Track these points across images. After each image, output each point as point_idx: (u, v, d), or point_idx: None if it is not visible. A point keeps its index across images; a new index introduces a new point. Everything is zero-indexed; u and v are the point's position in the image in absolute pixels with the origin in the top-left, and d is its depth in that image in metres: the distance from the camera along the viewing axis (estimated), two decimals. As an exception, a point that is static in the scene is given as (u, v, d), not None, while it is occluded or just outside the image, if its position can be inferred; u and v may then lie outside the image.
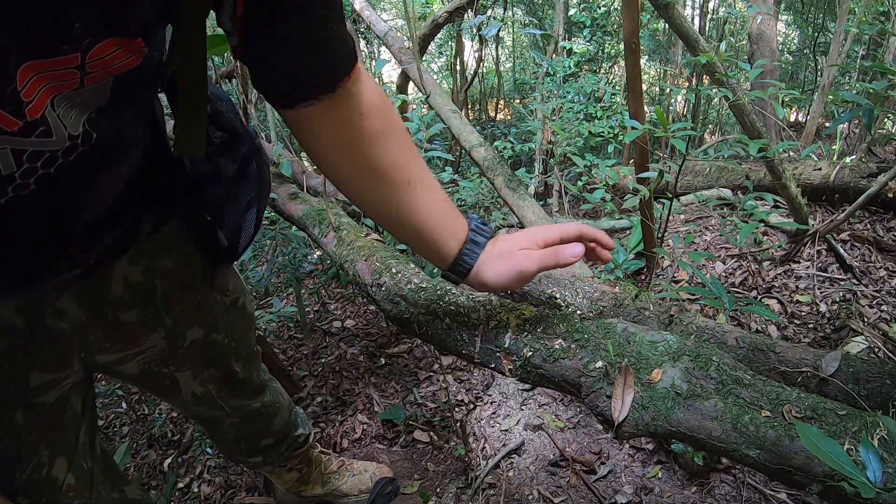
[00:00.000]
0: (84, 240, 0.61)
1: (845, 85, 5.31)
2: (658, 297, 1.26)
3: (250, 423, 1.13)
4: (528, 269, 0.69)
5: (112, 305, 0.73)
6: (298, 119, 0.63)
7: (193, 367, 0.92)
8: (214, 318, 0.90)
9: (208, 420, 1.10)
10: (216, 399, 1.00)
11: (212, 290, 0.88)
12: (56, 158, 0.46)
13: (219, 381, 0.98)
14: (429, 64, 8.13)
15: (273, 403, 1.15)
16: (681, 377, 0.63)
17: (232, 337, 0.95)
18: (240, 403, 1.06)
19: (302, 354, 2.32)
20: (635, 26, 1.77)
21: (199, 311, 0.86)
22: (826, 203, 2.81)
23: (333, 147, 0.65)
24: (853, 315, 2.02)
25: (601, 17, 5.63)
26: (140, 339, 0.80)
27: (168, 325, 0.82)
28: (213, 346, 0.91)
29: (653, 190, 1.86)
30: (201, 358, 0.92)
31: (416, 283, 0.98)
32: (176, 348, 0.85)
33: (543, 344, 0.73)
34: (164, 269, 0.78)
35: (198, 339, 0.88)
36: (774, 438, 0.56)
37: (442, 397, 1.94)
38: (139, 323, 0.77)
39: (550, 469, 1.59)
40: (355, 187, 0.69)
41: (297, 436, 1.29)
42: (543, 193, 4.40)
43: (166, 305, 0.80)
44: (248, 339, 1.02)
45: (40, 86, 0.39)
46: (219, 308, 0.90)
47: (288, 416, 1.23)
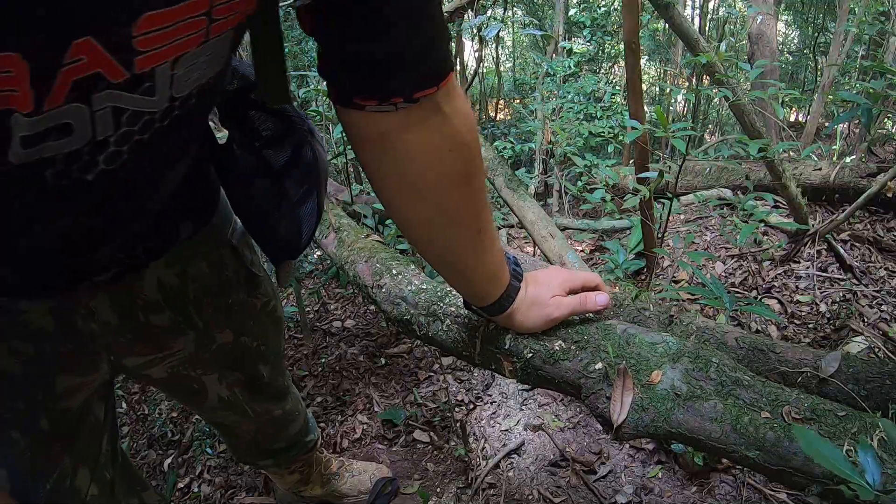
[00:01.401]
0: (128, 236, 0.58)
1: (845, 85, 5.31)
2: (658, 297, 1.26)
3: (267, 429, 1.12)
4: (558, 316, 0.72)
5: (143, 308, 0.71)
6: (366, 129, 0.52)
7: (220, 371, 0.90)
8: (245, 321, 0.87)
9: (227, 426, 1.08)
10: (243, 404, 0.98)
11: (242, 294, 0.85)
12: (153, 122, 0.41)
13: (244, 384, 0.96)
14: (429, 64, 8.10)
15: (293, 411, 1.15)
16: (680, 378, 0.64)
17: (262, 341, 0.93)
18: (264, 408, 1.05)
19: (302, 354, 2.32)
20: (635, 26, 1.77)
21: (231, 314, 0.84)
22: (826, 203, 2.81)
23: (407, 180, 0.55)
24: (853, 315, 2.02)
25: (601, 17, 5.63)
26: (170, 342, 0.77)
27: (199, 327, 0.79)
28: (241, 350, 0.89)
29: (653, 190, 1.86)
30: (228, 361, 0.90)
31: (416, 285, 0.98)
32: (204, 351, 0.83)
33: (543, 345, 0.73)
34: (199, 273, 0.75)
35: (227, 342, 0.85)
36: (774, 439, 0.56)
37: (442, 397, 1.94)
38: (170, 326, 0.75)
39: (550, 469, 1.59)
40: (418, 230, 0.62)
41: (308, 441, 1.28)
42: (543, 193, 4.40)
43: (198, 308, 0.78)
44: (278, 343, 1.00)
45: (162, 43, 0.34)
46: (251, 311, 0.88)
47: (303, 421, 1.23)
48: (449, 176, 0.56)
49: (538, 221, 1.91)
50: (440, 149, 0.53)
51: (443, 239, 0.62)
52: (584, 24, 5.58)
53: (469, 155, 0.56)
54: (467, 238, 0.62)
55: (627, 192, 2.43)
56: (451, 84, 0.51)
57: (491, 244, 0.64)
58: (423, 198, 0.57)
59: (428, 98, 0.50)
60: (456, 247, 0.62)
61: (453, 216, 0.59)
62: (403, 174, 0.55)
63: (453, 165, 0.55)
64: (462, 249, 0.63)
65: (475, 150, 0.57)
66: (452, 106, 0.52)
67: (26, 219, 0.45)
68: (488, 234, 0.64)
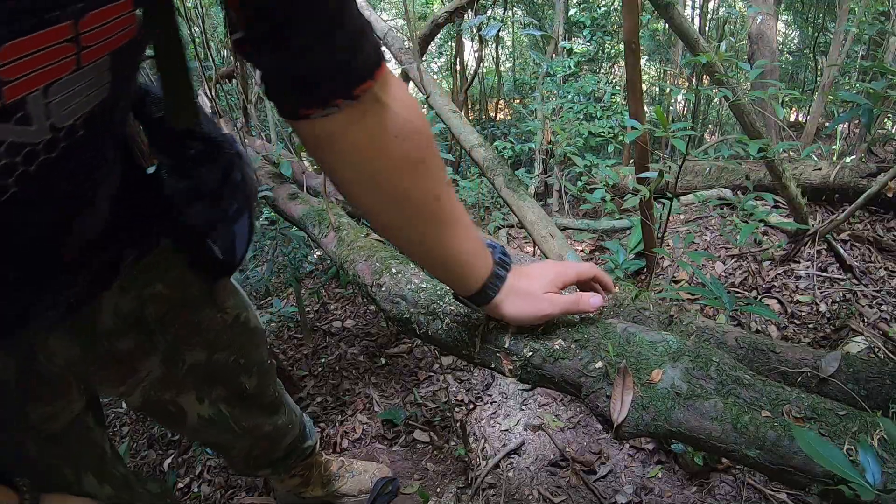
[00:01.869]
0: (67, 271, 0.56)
1: (845, 85, 5.31)
2: (658, 297, 1.26)
3: (261, 444, 1.11)
4: (550, 313, 0.71)
5: (105, 337, 0.71)
6: (316, 135, 0.54)
7: (198, 390, 0.89)
8: (218, 337, 0.86)
9: (220, 445, 1.07)
10: (228, 420, 0.97)
11: (210, 310, 0.84)
12: (37, 154, 0.40)
13: (229, 399, 0.95)
14: (429, 64, 8.13)
15: (286, 424, 1.13)
16: (681, 377, 0.63)
17: (239, 354, 0.92)
18: (252, 424, 1.03)
19: (302, 354, 2.32)
20: (635, 26, 1.76)
21: (198, 332, 0.83)
22: (826, 203, 2.81)
23: (359, 172, 0.57)
24: (853, 315, 2.02)
25: (601, 17, 5.63)
26: (135, 365, 0.77)
27: (164, 349, 0.79)
28: (218, 366, 0.88)
29: (653, 190, 1.86)
30: (206, 379, 0.89)
31: (416, 284, 0.98)
32: (175, 372, 0.82)
33: (543, 344, 0.73)
34: (156, 294, 0.75)
35: (200, 361, 0.85)
36: (774, 439, 0.56)
37: (442, 397, 1.94)
38: (135, 349, 0.75)
39: (550, 469, 1.59)
40: (381, 218, 0.63)
41: (306, 447, 1.28)
42: (543, 193, 4.40)
43: (161, 328, 0.77)
44: (259, 354, 0.98)
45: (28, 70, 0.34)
46: (220, 326, 0.87)
47: (299, 430, 1.22)
48: (397, 163, 0.56)
49: (538, 221, 1.91)
50: (384, 138, 0.55)
51: (406, 227, 0.62)
52: (584, 24, 5.57)
53: (416, 140, 0.57)
54: (430, 224, 0.62)
55: (627, 192, 2.43)
56: (385, 74, 0.53)
57: (459, 230, 0.64)
58: (378, 187, 0.58)
59: (367, 92, 0.52)
60: (421, 234, 0.62)
61: (410, 203, 0.59)
62: (355, 168, 0.57)
63: (400, 152, 0.56)
64: (429, 238, 0.63)
65: (421, 135, 0.58)
66: (390, 94, 0.54)
67: None
68: (457, 223, 0.64)
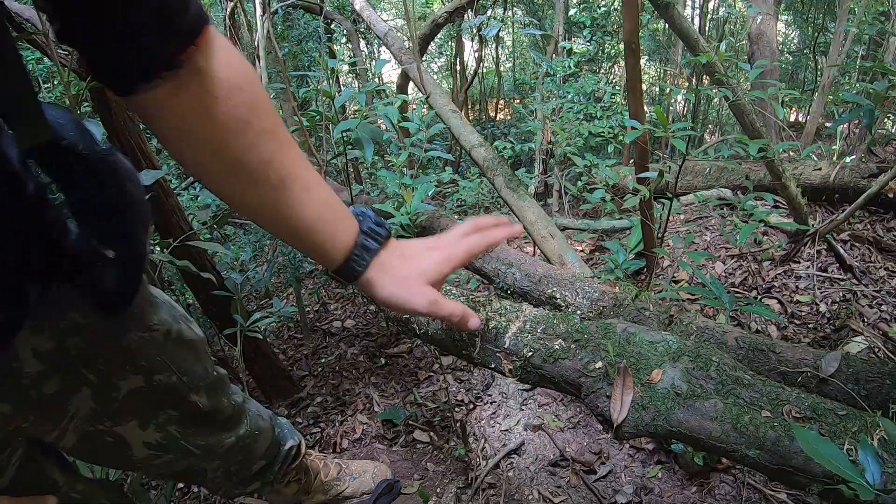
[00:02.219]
0: None
1: (845, 85, 5.31)
2: (658, 297, 1.26)
3: (234, 458, 1.05)
4: (420, 311, 0.66)
5: (31, 385, 0.65)
6: (146, 107, 0.53)
7: (141, 417, 0.83)
8: (149, 359, 0.80)
9: (188, 472, 1.00)
10: (180, 441, 0.90)
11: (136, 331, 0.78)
12: None
13: (181, 420, 0.89)
14: (429, 64, 8.13)
15: (252, 433, 1.07)
16: (681, 377, 0.64)
17: (180, 372, 0.85)
18: (210, 442, 0.96)
19: (302, 354, 2.32)
20: (635, 26, 1.77)
21: (129, 357, 0.77)
22: (826, 203, 2.81)
23: (189, 140, 0.55)
24: (853, 315, 2.02)
25: (601, 17, 5.63)
26: (65, 405, 0.71)
27: (93, 381, 0.73)
28: (161, 389, 0.82)
29: (653, 190, 1.86)
30: (150, 404, 0.83)
31: (416, 284, 0.98)
32: (109, 402, 0.76)
33: (543, 344, 0.73)
34: (74, 325, 0.68)
35: (137, 386, 0.79)
36: (774, 438, 0.56)
37: (442, 397, 1.94)
38: (62, 389, 0.69)
39: (550, 469, 1.59)
40: (222, 187, 0.60)
41: (289, 449, 1.22)
42: (543, 193, 4.40)
43: (85, 362, 0.71)
44: (201, 368, 0.90)
45: None
46: (151, 346, 0.80)
47: (272, 434, 1.16)
48: (223, 126, 0.55)
49: (538, 221, 1.91)
50: (208, 102, 0.54)
51: (244, 191, 0.60)
52: (584, 24, 5.58)
53: (238, 98, 0.55)
54: (269, 188, 0.59)
55: (627, 192, 2.43)
56: (207, 37, 0.52)
57: (305, 195, 0.61)
58: (212, 155, 0.56)
59: (189, 59, 0.51)
60: (261, 198, 0.60)
61: (243, 168, 0.57)
62: (185, 136, 0.55)
63: (224, 114, 0.54)
64: (270, 203, 0.60)
65: (254, 93, 0.56)
66: (213, 57, 0.53)
67: None
68: (298, 184, 0.60)
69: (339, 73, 5.54)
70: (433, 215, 1.82)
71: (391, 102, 1.84)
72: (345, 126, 1.57)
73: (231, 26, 2.86)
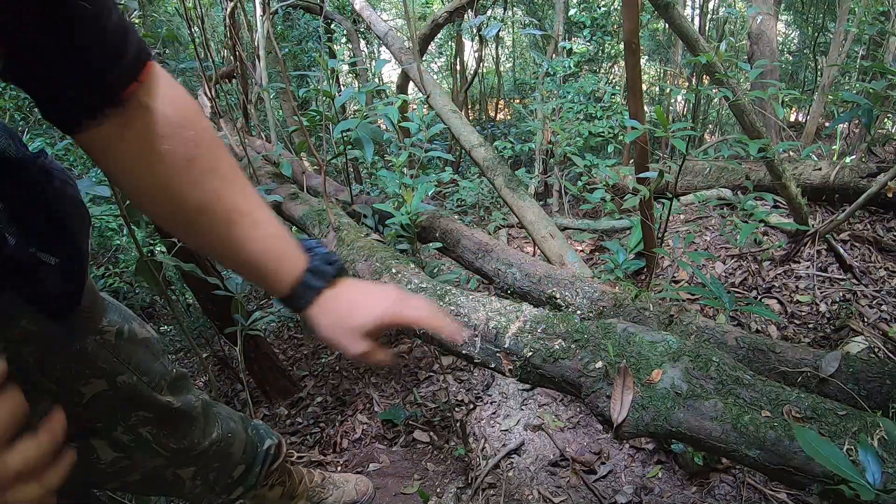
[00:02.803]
0: None
1: (845, 85, 5.31)
2: (658, 297, 1.26)
3: (210, 464, 1.02)
4: (349, 354, 0.66)
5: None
6: (93, 145, 0.53)
7: (108, 420, 0.81)
8: (108, 360, 0.78)
9: (163, 483, 0.96)
10: (151, 443, 0.88)
11: (88, 335, 0.76)
12: None
13: (154, 421, 0.87)
14: (429, 64, 8.14)
15: (224, 437, 1.04)
16: (681, 377, 0.64)
17: (139, 371, 0.83)
18: (184, 445, 0.93)
19: (302, 354, 2.32)
20: (635, 26, 1.77)
21: (87, 360, 0.75)
22: (826, 203, 2.81)
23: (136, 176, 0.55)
24: (853, 315, 2.02)
25: (601, 17, 5.63)
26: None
27: (53, 390, 0.71)
28: (126, 390, 0.81)
29: (653, 190, 1.86)
30: (118, 406, 0.81)
31: (416, 283, 0.98)
32: (71, 408, 0.73)
33: (543, 344, 0.73)
34: (24, 333, 0.66)
35: (101, 390, 0.77)
36: (774, 438, 0.56)
37: (442, 397, 1.94)
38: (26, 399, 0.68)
39: (550, 469, 1.59)
40: (168, 222, 0.60)
41: (267, 449, 1.20)
42: (543, 193, 4.40)
43: (43, 369, 0.69)
44: (160, 366, 0.89)
45: None
46: (106, 348, 0.79)
47: (246, 435, 1.13)
48: (169, 163, 0.55)
49: (538, 221, 1.91)
50: (152, 139, 0.54)
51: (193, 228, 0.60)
52: (584, 24, 5.58)
53: (182, 136, 0.55)
54: (217, 225, 0.59)
55: (627, 192, 2.43)
56: (150, 73, 0.53)
57: (250, 230, 0.61)
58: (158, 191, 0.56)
59: (133, 95, 0.52)
60: (209, 234, 0.60)
61: (190, 201, 0.57)
62: (133, 173, 0.56)
63: (169, 151, 0.55)
64: (217, 238, 0.60)
65: (197, 129, 0.56)
66: (156, 93, 0.53)
67: None
68: (246, 221, 0.61)
69: (339, 73, 5.54)
70: (433, 215, 1.82)
71: (391, 102, 1.84)
72: (345, 126, 1.57)
73: (231, 26, 2.86)
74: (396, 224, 1.63)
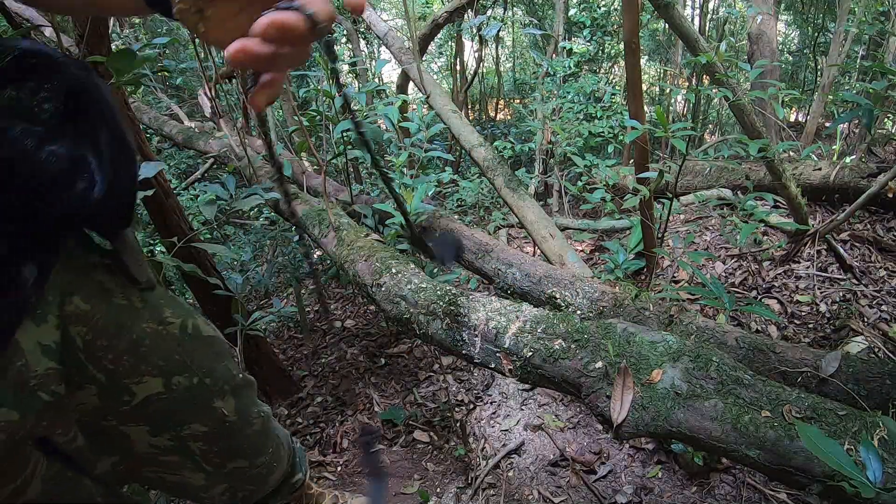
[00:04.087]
0: None
1: (845, 85, 5.31)
2: (658, 297, 1.26)
3: (244, 486, 0.95)
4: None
5: (41, 385, 0.59)
6: None
7: (152, 424, 0.74)
8: (166, 357, 0.72)
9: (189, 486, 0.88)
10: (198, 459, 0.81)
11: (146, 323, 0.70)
12: None
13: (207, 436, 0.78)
14: (429, 64, 8.13)
15: (271, 462, 0.97)
16: (681, 377, 0.63)
17: (202, 373, 0.76)
18: (232, 467, 0.85)
19: (302, 354, 2.32)
20: (635, 26, 1.77)
21: (141, 356, 0.69)
22: (826, 203, 2.81)
23: None
24: (853, 315, 2.02)
25: (601, 17, 5.63)
26: (74, 406, 0.65)
27: (101, 380, 0.66)
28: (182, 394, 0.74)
29: (653, 190, 1.86)
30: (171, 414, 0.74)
31: (416, 284, 0.98)
32: (117, 405, 0.69)
33: (543, 344, 0.73)
34: (77, 312, 0.62)
35: (156, 392, 0.71)
36: (774, 438, 0.56)
37: (442, 397, 1.94)
38: (68, 389, 0.63)
39: (550, 469, 1.59)
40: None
41: (295, 482, 1.15)
42: (543, 193, 4.40)
43: (92, 358, 0.64)
44: (223, 368, 0.81)
45: None
46: (168, 341, 0.72)
47: (286, 462, 1.06)
48: None
49: (538, 221, 1.91)
50: None
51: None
52: (584, 24, 5.58)
53: None
54: None
55: (627, 192, 2.43)
56: None
57: None
58: None
59: None
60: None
61: None
62: None
63: None
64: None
65: None
66: None
67: None
68: None
69: (339, 73, 5.54)
70: (433, 215, 1.82)
71: (391, 102, 1.84)
72: (345, 126, 1.57)
73: (231, 26, 2.85)
74: (396, 224, 1.63)
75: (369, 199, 2.09)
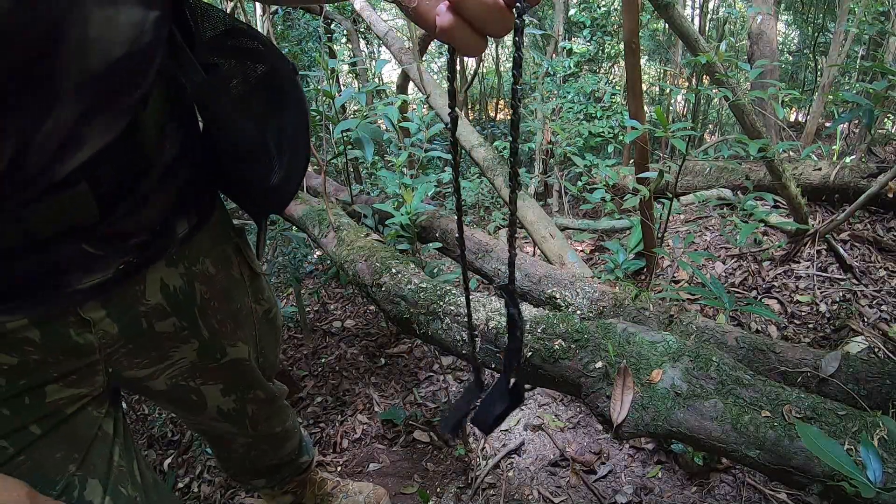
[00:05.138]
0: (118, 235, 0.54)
1: (845, 85, 5.31)
2: (658, 297, 1.26)
3: (261, 445, 1.07)
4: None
5: (146, 315, 0.65)
6: None
7: (227, 384, 0.84)
8: (252, 331, 0.82)
9: (219, 437, 1.01)
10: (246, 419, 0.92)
11: (247, 298, 0.80)
12: None
13: (262, 402, 0.90)
14: (429, 64, 8.13)
15: (293, 427, 1.11)
16: (681, 377, 0.63)
17: (263, 353, 0.87)
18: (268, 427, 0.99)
19: (302, 354, 2.32)
20: (635, 26, 1.77)
21: (238, 323, 0.79)
22: (826, 203, 2.81)
23: None
24: (853, 315, 2.02)
25: (601, 17, 5.63)
26: (172, 351, 0.72)
27: (204, 337, 0.74)
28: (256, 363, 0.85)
29: (653, 190, 1.86)
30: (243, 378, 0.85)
31: (416, 284, 0.98)
32: (208, 362, 0.78)
33: (543, 344, 0.73)
34: (205, 274, 0.70)
35: (242, 357, 0.81)
36: (774, 438, 0.56)
37: (442, 397, 1.94)
38: (173, 333, 0.70)
39: (550, 469, 1.59)
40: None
41: (301, 462, 1.24)
42: (543, 193, 4.40)
43: (204, 316, 0.72)
44: (275, 354, 0.93)
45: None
46: (254, 320, 0.83)
47: (298, 441, 1.19)
48: None
49: (538, 221, 1.91)
50: None
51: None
52: (584, 24, 5.58)
53: None
54: None
55: (627, 192, 2.43)
56: None
57: None
58: None
59: None
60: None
61: None
62: None
63: None
64: None
65: None
66: None
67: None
68: None
69: (339, 73, 5.55)
70: (433, 215, 1.82)
71: (391, 102, 1.84)
72: (345, 126, 1.57)
73: (231, 26, 2.86)
74: (396, 224, 1.63)
75: (369, 199, 2.09)
